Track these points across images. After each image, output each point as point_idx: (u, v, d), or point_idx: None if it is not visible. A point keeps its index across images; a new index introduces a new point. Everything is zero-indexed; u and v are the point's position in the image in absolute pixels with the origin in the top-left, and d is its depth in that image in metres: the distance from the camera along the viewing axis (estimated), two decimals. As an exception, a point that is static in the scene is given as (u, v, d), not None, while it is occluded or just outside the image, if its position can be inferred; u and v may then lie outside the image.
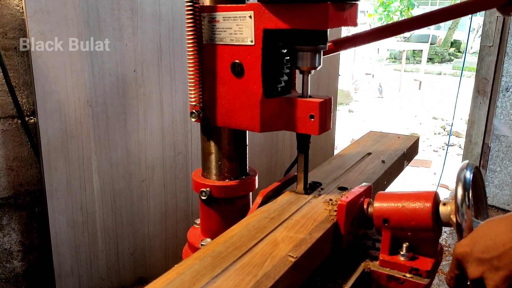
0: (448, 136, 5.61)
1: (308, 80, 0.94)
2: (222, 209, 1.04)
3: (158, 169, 2.16)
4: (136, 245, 2.18)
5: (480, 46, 3.49)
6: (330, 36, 0.93)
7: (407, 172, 4.67)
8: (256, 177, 1.08)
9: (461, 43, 17.10)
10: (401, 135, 1.51)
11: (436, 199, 0.81)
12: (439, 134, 6.80)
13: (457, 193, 0.77)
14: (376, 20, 17.93)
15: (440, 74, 13.41)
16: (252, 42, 0.89)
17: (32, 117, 1.90)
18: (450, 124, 4.89)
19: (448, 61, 15.89)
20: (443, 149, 5.83)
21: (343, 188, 1.03)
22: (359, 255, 0.89)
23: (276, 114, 0.93)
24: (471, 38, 14.17)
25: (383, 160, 1.25)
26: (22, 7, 1.76)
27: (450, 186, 4.29)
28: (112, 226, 2.08)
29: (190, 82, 0.97)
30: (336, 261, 0.86)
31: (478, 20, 13.55)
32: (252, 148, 2.46)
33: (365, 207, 0.89)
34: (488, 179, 3.54)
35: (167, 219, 2.26)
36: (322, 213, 0.89)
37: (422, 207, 0.80)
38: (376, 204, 0.85)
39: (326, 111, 0.91)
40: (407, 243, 0.83)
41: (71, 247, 1.97)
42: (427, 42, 13.73)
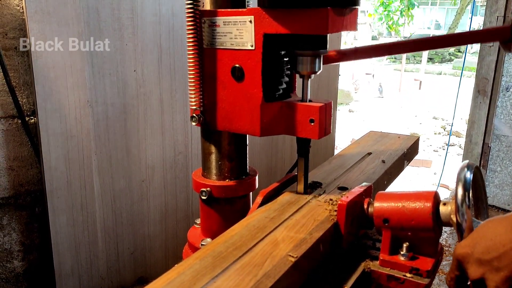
0: (448, 136, 5.60)
1: (308, 84, 0.94)
2: (222, 209, 1.04)
3: (158, 169, 2.16)
4: (136, 245, 2.18)
5: (481, 45, 3.49)
6: (330, 40, 0.93)
7: (407, 172, 4.67)
8: (256, 177, 1.08)
9: (461, 43, 17.09)
10: (401, 135, 1.51)
11: (436, 199, 0.81)
12: (439, 134, 6.80)
13: (457, 193, 0.77)
14: (376, 19, 17.95)
15: (440, 74, 13.41)
16: (252, 46, 0.89)
17: (32, 117, 1.90)
18: (450, 124, 4.89)
19: (448, 61, 15.90)
20: (443, 149, 5.83)
21: (343, 188, 1.03)
22: (359, 255, 0.89)
23: (276, 118, 0.93)
24: (471, 38, 14.15)
25: (383, 160, 1.25)
26: (23, 7, 1.76)
27: (450, 186, 4.29)
28: (112, 226, 2.08)
29: (190, 86, 0.98)
30: (336, 261, 0.86)
31: (478, 20, 13.55)
32: (252, 148, 2.46)
33: (365, 207, 0.89)
34: (489, 179, 3.54)
35: (167, 219, 2.26)
36: (322, 213, 0.89)
37: (422, 207, 0.80)
38: (376, 204, 0.85)
39: (326, 115, 0.91)
40: (407, 243, 0.83)
41: (71, 246, 1.97)
42: (427, 42, 13.71)
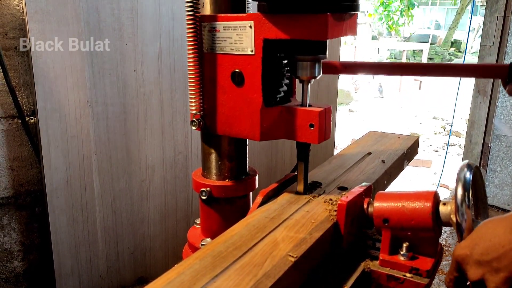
0: (448, 136, 5.60)
1: (308, 89, 0.94)
2: (222, 209, 1.04)
3: (158, 169, 2.16)
4: (136, 244, 2.18)
5: (480, 45, 3.49)
6: (330, 41, 0.93)
7: (407, 172, 4.67)
8: (256, 177, 1.08)
9: (461, 43, 17.12)
10: (401, 135, 1.51)
11: (436, 198, 0.81)
12: (439, 134, 6.80)
13: (457, 192, 0.77)
14: (376, 19, 17.94)
15: (440, 74, 13.38)
16: (252, 51, 0.89)
17: (32, 117, 1.90)
18: (450, 124, 4.89)
19: (448, 61, 15.89)
20: (443, 149, 5.83)
21: (343, 188, 1.03)
22: (359, 254, 0.89)
23: (276, 122, 0.93)
24: (471, 38, 14.17)
25: (383, 160, 1.25)
26: (22, 7, 1.76)
27: (450, 186, 4.29)
28: (112, 225, 2.08)
29: (190, 91, 0.98)
30: (336, 260, 0.86)
31: (478, 20, 13.56)
32: (252, 148, 2.46)
33: (365, 207, 0.89)
34: (488, 179, 3.54)
35: (167, 219, 2.26)
36: (322, 213, 0.89)
37: (422, 206, 0.80)
38: (376, 204, 0.85)
39: (325, 120, 0.91)
40: (407, 242, 0.83)
41: (71, 246, 1.97)
42: (427, 42, 13.73)
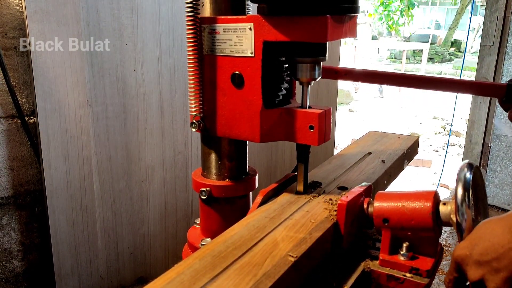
0: (448, 135, 5.60)
1: (308, 91, 0.94)
2: (222, 208, 1.04)
3: (158, 169, 2.16)
4: (136, 244, 2.18)
5: (480, 45, 3.49)
6: (330, 42, 0.93)
7: (407, 172, 4.67)
8: (256, 176, 1.07)
9: (461, 42, 17.11)
10: (401, 135, 1.51)
11: (436, 198, 0.81)
12: (439, 133, 6.80)
13: (457, 192, 0.77)
14: (376, 19, 17.94)
15: (440, 74, 13.40)
16: (252, 53, 0.89)
17: (32, 116, 1.90)
18: (450, 124, 4.89)
19: (449, 60, 15.88)
20: (443, 148, 5.83)
21: (343, 188, 1.03)
22: (359, 254, 0.88)
23: (276, 124, 0.93)
24: (471, 38, 14.17)
25: (383, 160, 1.25)
26: (22, 6, 1.76)
27: (450, 186, 4.29)
28: (112, 225, 2.08)
29: (190, 93, 0.98)
30: (336, 260, 0.86)
31: (478, 20, 13.55)
32: (252, 148, 2.46)
33: (365, 206, 0.89)
34: (489, 178, 3.54)
35: (167, 219, 2.26)
36: (322, 212, 0.89)
37: (422, 206, 0.80)
38: (376, 203, 0.85)
39: (325, 122, 0.91)
40: (407, 242, 0.83)
41: (71, 246, 1.97)
42: (428, 42, 13.72)
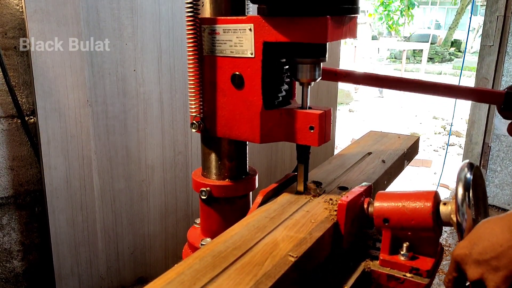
0: (448, 135, 5.60)
1: (308, 92, 0.94)
2: (222, 208, 1.04)
3: (158, 168, 2.16)
4: (136, 244, 2.18)
5: (481, 45, 3.49)
6: (330, 43, 0.93)
7: (407, 172, 4.67)
8: (256, 176, 1.07)
9: (461, 42, 17.10)
10: (401, 135, 1.51)
11: (436, 198, 0.81)
12: (439, 133, 6.80)
13: (457, 192, 0.77)
14: (376, 19, 17.94)
15: (440, 74, 13.40)
16: (252, 54, 0.89)
17: (32, 116, 1.90)
18: (450, 124, 4.89)
19: (449, 60, 15.88)
20: (443, 148, 5.83)
21: (343, 188, 1.03)
22: (359, 254, 0.88)
23: (276, 125, 0.93)
24: (471, 38, 14.17)
25: (384, 160, 1.25)
26: (22, 6, 1.76)
27: (450, 186, 4.29)
28: (112, 225, 2.08)
29: (190, 93, 0.98)
30: (336, 260, 0.86)
31: (478, 20, 13.55)
32: (252, 148, 2.46)
33: (365, 206, 0.89)
34: (489, 178, 3.53)
35: (167, 219, 2.26)
36: (322, 212, 0.89)
37: (422, 206, 0.80)
38: (377, 203, 0.85)
39: (325, 122, 0.91)
40: (407, 242, 0.82)
41: (71, 246, 1.96)
42: (428, 42, 13.72)
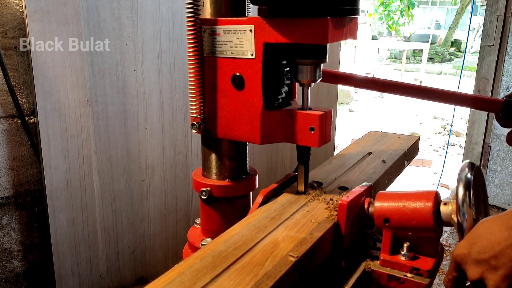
0: (448, 135, 5.60)
1: (308, 93, 0.94)
2: (223, 208, 1.04)
3: (158, 168, 2.16)
4: (136, 244, 2.18)
5: (481, 45, 3.48)
6: (330, 47, 0.93)
7: (408, 172, 4.67)
8: (257, 176, 1.07)
9: (461, 42, 17.10)
10: (401, 135, 1.51)
11: (437, 198, 0.81)
12: (439, 133, 6.80)
13: (458, 192, 0.77)
14: (376, 19, 17.95)
15: (440, 74, 13.40)
16: (252, 55, 0.89)
17: (32, 116, 1.90)
18: (451, 124, 4.89)
19: (449, 60, 15.88)
20: (444, 148, 5.83)
21: (343, 188, 1.03)
22: (359, 254, 0.88)
23: (276, 126, 0.93)
24: (471, 38, 14.17)
25: (384, 160, 1.25)
26: (22, 6, 1.76)
27: (450, 186, 4.29)
28: (112, 225, 2.08)
29: (190, 94, 0.98)
30: (336, 260, 0.86)
31: (479, 20, 13.55)
32: (252, 148, 2.46)
33: (365, 206, 0.89)
34: (489, 178, 3.53)
35: (167, 219, 2.26)
36: (322, 213, 0.89)
37: (423, 206, 0.80)
38: (377, 203, 0.85)
39: (326, 123, 0.91)
40: (408, 242, 0.82)
41: (71, 246, 1.96)
42: (428, 42, 13.72)
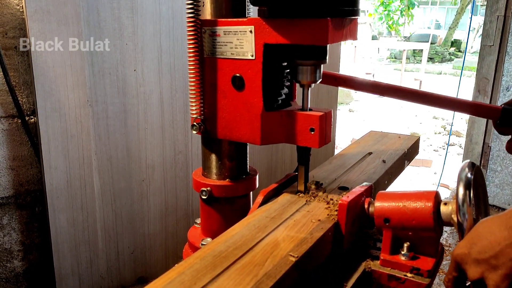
0: (448, 135, 5.60)
1: (309, 94, 0.94)
2: (223, 208, 1.04)
3: (158, 168, 2.16)
4: (136, 244, 2.18)
5: (481, 45, 3.48)
6: (330, 47, 0.93)
7: (408, 172, 4.67)
8: (257, 176, 1.07)
9: (461, 42, 17.10)
10: (401, 135, 1.51)
11: (437, 198, 0.81)
12: (439, 133, 6.80)
13: (458, 192, 0.77)
14: (376, 19, 17.94)
15: (440, 74, 13.40)
16: (252, 56, 0.89)
17: (32, 116, 1.90)
18: (451, 124, 4.89)
19: (449, 60, 15.87)
20: (444, 148, 5.83)
21: (344, 188, 1.03)
22: (360, 254, 0.88)
23: (276, 127, 0.93)
24: (471, 38, 14.17)
25: (384, 160, 1.25)
26: (22, 6, 1.76)
27: (450, 186, 4.29)
28: (112, 225, 2.08)
29: (191, 95, 0.98)
30: (336, 260, 0.86)
31: (479, 20, 13.55)
32: (253, 147, 2.46)
33: (366, 206, 0.89)
34: (489, 178, 3.53)
35: (167, 218, 2.26)
36: (323, 212, 0.89)
37: (423, 206, 0.80)
38: (377, 203, 0.85)
39: (326, 124, 0.91)
40: (408, 242, 0.82)
41: (71, 246, 1.96)
42: (428, 42, 13.72)
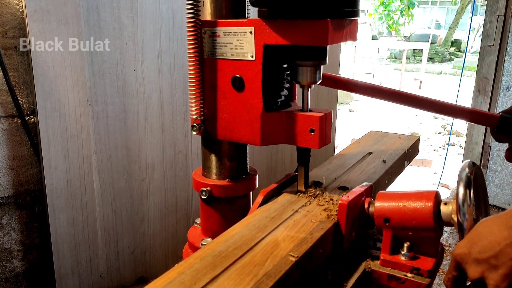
0: (448, 135, 5.60)
1: (308, 94, 0.94)
2: (223, 208, 1.04)
3: (158, 168, 2.16)
4: (136, 243, 2.18)
5: (481, 45, 3.48)
6: (330, 48, 0.93)
7: (408, 172, 4.67)
8: (257, 176, 1.07)
9: (461, 42, 17.10)
10: (401, 135, 1.51)
11: (437, 198, 0.81)
12: (439, 133, 6.80)
13: (458, 192, 0.77)
14: (376, 19, 17.94)
15: (440, 74, 13.40)
16: (252, 57, 0.89)
17: (32, 116, 1.90)
18: (451, 124, 4.89)
19: (449, 60, 15.87)
20: (444, 148, 5.83)
21: (344, 188, 1.03)
22: (360, 254, 0.88)
23: (276, 128, 0.93)
24: (472, 38, 14.17)
25: (384, 160, 1.25)
26: (22, 6, 1.76)
27: (450, 186, 4.29)
28: (112, 225, 2.08)
29: (191, 96, 0.98)
30: (336, 260, 0.86)
31: (479, 20, 13.55)
32: (253, 147, 2.46)
33: (366, 206, 0.89)
34: (489, 178, 3.53)
35: (167, 218, 2.26)
36: (323, 212, 0.89)
37: (423, 206, 0.80)
38: (377, 203, 0.85)
39: (326, 125, 0.91)
40: (408, 242, 0.82)
41: (71, 246, 1.96)
42: (428, 42, 13.72)
